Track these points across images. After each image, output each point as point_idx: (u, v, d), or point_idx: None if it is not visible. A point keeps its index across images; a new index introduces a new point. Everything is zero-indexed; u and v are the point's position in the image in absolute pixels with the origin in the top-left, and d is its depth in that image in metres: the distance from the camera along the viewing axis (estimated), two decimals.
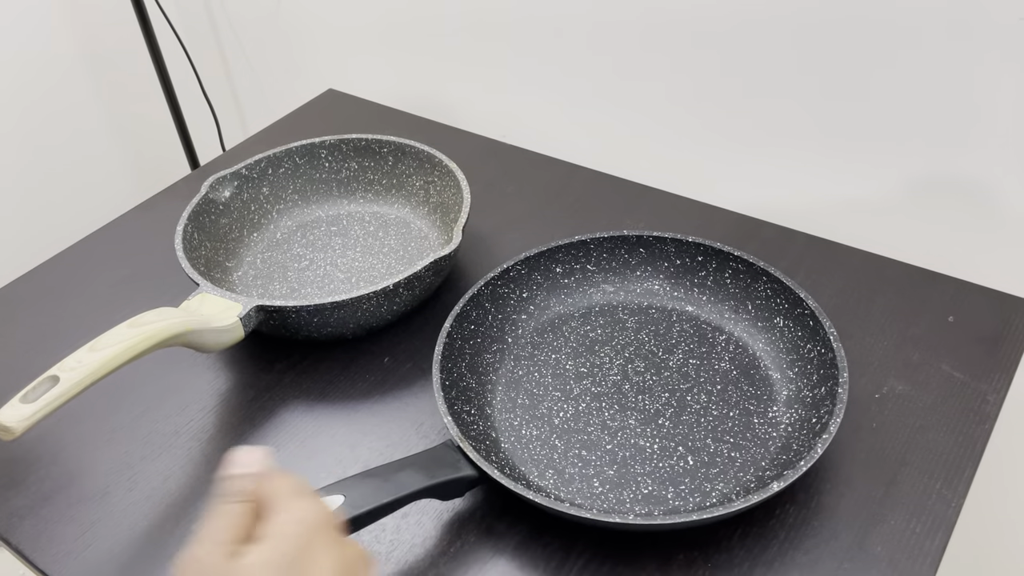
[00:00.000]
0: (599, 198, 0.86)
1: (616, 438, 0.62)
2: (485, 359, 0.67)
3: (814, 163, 0.88)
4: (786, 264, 0.75)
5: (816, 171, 0.88)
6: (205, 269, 0.74)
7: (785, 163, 0.89)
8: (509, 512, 0.58)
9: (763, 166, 0.91)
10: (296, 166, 0.85)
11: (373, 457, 0.63)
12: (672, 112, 0.94)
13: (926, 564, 0.53)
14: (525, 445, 0.62)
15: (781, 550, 0.55)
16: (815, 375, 0.62)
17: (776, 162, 0.90)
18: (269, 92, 1.36)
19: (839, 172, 0.87)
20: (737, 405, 0.63)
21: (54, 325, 0.77)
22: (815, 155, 0.87)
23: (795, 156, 0.88)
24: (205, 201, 0.78)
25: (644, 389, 0.65)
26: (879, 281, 0.74)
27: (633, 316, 0.71)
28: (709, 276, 0.70)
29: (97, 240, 0.87)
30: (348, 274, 0.78)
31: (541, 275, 0.72)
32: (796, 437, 0.59)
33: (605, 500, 0.58)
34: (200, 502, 0.61)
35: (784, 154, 0.89)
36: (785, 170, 0.90)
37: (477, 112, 1.09)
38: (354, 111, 1.04)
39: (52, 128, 1.42)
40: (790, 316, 0.65)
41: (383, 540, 0.57)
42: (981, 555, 1.03)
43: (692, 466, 0.59)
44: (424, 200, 0.83)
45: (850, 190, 0.87)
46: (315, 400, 0.68)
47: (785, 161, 0.89)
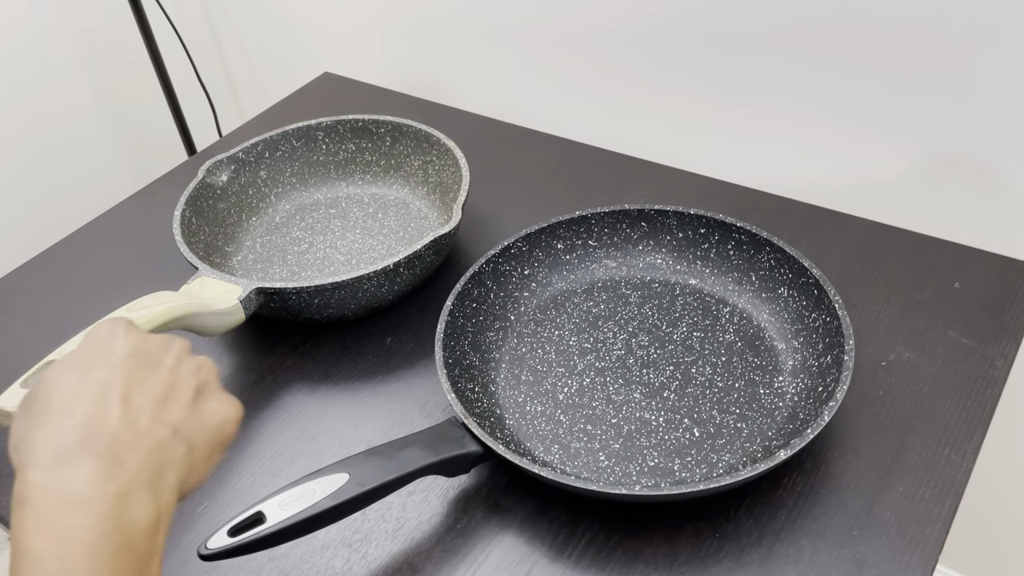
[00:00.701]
0: (599, 174, 0.86)
1: (621, 412, 0.61)
2: (488, 337, 0.67)
3: (815, 136, 0.87)
4: (789, 235, 0.74)
5: (818, 144, 0.87)
6: (204, 254, 0.74)
7: (786, 136, 0.89)
8: (515, 488, 0.58)
9: (764, 139, 0.90)
10: (293, 149, 0.84)
11: (377, 437, 0.63)
12: (671, 87, 0.93)
13: (936, 529, 0.53)
14: (530, 421, 0.62)
15: (789, 519, 0.54)
16: (820, 344, 0.61)
17: (777, 135, 0.89)
18: (265, 77, 1.35)
19: (841, 144, 0.86)
20: (742, 376, 0.63)
21: (54, 313, 0.76)
22: (816, 128, 0.86)
23: (796, 129, 0.88)
24: (202, 186, 0.78)
25: (648, 363, 0.65)
26: (883, 249, 0.73)
27: (636, 291, 0.70)
28: (712, 248, 0.70)
29: (95, 228, 0.86)
30: (348, 256, 0.78)
31: (542, 252, 0.71)
32: (802, 406, 0.59)
33: (611, 473, 0.57)
34: (205, 486, 0.60)
35: (785, 127, 0.88)
36: (786, 143, 0.89)
37: (474, 92, 1.09)
38: (351, 93, 1.03)
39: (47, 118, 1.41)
40: (794, 286, 0.65)
41: (389, 518, 0.57)
42: (984, 522, 1.03)
43: (698, 438, 0.59)
44: (423, 180, 0.83)
45: (852, 161, 0.86)
46: (318, 381, 0.68)
47: (786, 134, 0.89)
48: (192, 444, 0.41)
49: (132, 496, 0.37)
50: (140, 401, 0.40)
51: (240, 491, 0.60)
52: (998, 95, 0.74)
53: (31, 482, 0.36)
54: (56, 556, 0.34)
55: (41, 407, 0.39)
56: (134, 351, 0.42)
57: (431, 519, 0.57)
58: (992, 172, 0.79)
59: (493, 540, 0.55)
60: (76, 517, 0.35)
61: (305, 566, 0.55)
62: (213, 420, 0.43)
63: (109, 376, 0.40)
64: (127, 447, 0.38)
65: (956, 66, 0.75)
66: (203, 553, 0.47)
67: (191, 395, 0.42)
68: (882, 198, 0.84)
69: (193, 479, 0.42)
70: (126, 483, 0.37)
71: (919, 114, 0.79)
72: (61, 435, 0.37)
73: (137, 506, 0.37)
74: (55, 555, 0.34)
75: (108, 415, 0.38)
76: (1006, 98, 0.74)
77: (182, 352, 0.44)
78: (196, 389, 0.43)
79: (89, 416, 0.38)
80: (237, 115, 1.43)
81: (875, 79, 0.80)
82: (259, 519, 0.49)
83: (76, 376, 0.40)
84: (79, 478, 0.36)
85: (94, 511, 0.35)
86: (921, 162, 0.82)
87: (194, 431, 0.42)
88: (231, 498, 0.60)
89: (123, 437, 0.38)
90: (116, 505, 0.36)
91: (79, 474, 0.36)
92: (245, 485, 0.60)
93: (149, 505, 0.37)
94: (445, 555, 0.55)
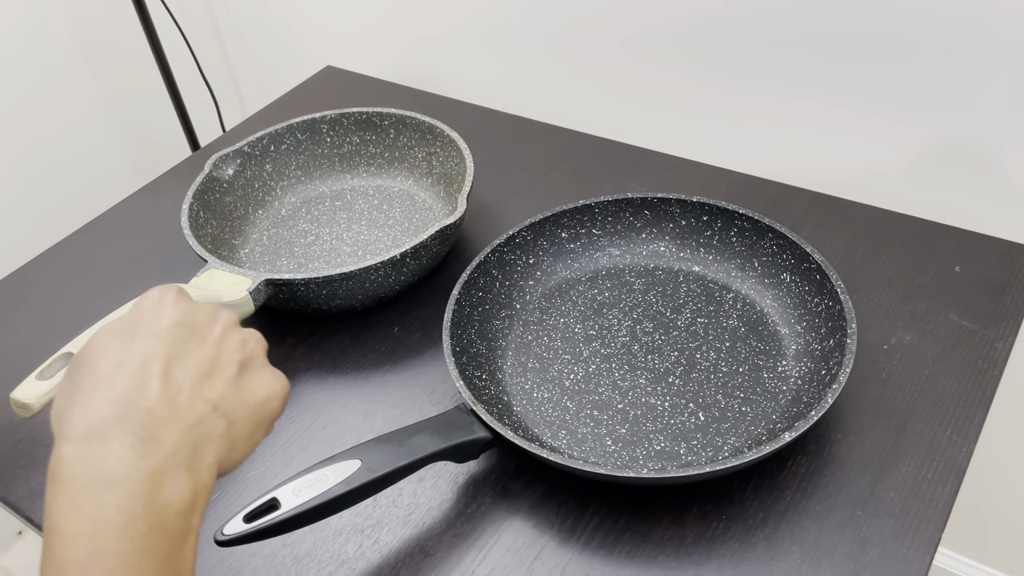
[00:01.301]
0: (602, 164, 0.86)
1: (627, 397, 0.62)
2: (494, 325, 0.68)
3: (817, 123, 0.87)
4: (791, 221, 0.75)
5: (819, 131, 0.88)
6: (212, 247, 0.75)
7: (788, 124, 0.89)
8: (523, 473, 0.59)
9: (766, 127, 0.91)
10: (298, 142, 0.85)
11: (387, 425, 0.64)
12: (672, 76, 0.94)
13: (938, 508, 0.54)
14: (537, 407, 0.62)
15: (794, 500, 0.55)
16: (823, 328, 0.62)
17: (779, 123, 0.90)
18: (267, 71, 1.35)
19: (843, 132, 0.86)
20: (746, 361, 0.63)
21: (64, 308, 0.77)
22: (818, 116, 0.87)
23: (798, 117, 0.88)
24: (209, 179, 0.78)
25: (653, 349, 0.65)
26: (884, 234, 0.74)
27: (640, 278, 0.71)
28: (715, 235, 0.70)
29: (102, 223, 0.87)
30: (354, 247, 0.79)
31: (547, 240, 0.72)
32: (806, 390, 0.60)
33: (618, 458, 0.58)
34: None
35: (787, 115, 0.89)
36: (788, 131, 0.90)
37: (475, 83, 1.09)
38: (353, 87, 1.04)
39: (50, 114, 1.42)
40: (797, 271, 0.66)
41: (400, 504, 0.58)
42: (985, 502, 1.04)
43: (703, 422, 0.60)
44: (427, 171, 0.83)
45: (853, 148, 0.87)
46: (327, 372, 0.68)
47: (788, 122, 0.89)
48: (233, 420, 0.40)
49: (167, 475, 0.36)
50: (181, 375, 0.39)
51: (252, 479, 0.61)
52: (996, 84, 0.75)
53: (64, 457, 0.35)
54: (86, 536, 0.34)
55: (83, 376, 0.38)
56: (181, 321, 0.41)
57: (441, 504, 0.58)
58: (992, 158, 0.79)
59: (503, 524, 0.56)
60: (107, 496, 0.34)
61: (318, 552, 0.56)
62: (256, 396, 0.42)
63: (153, 347, 0.39)
64: (163, 423, 0.37)
65: (955, 55, 0.75)
66: (219, 539, 0.48)
67: (235, 369, 0.41)
68: (883, 184, 0.85)
69: (234, 457, 0.41)
70: (161, 461, 0.36)
71: (920, 102, 0.80)
72: (98, 408, 0.36)
73: (172, 486, 0.36)
74: (85, 535, 0.34)
75: (147, 389, 0.37)
76: (1004, 87, 0.75)
77: (229, 324, 0.43)
78: (240, 363, 0.42)
79: (128, 389, 0.37)
80: (239, 110, 1.43)
81: (876, 68, 0.80)
82: (273, 505, 0.50)
83: (120, 345, 0.39)
84: (112, 455, 0.35)
85: (126, 490, 0.35)
86: (922, 149, 0.82)
87: (236, 407, 0.41)
88: (244, 486, 0.60)
89: (160, 413, 0.37)
90: (149, 485, 0.35)
91: (113, 451, 0.35)
92: (257, 473, 0.61)
93: (185, 485, 0.37)
94: (456, 539, 0.56)
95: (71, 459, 0.35)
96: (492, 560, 0.54)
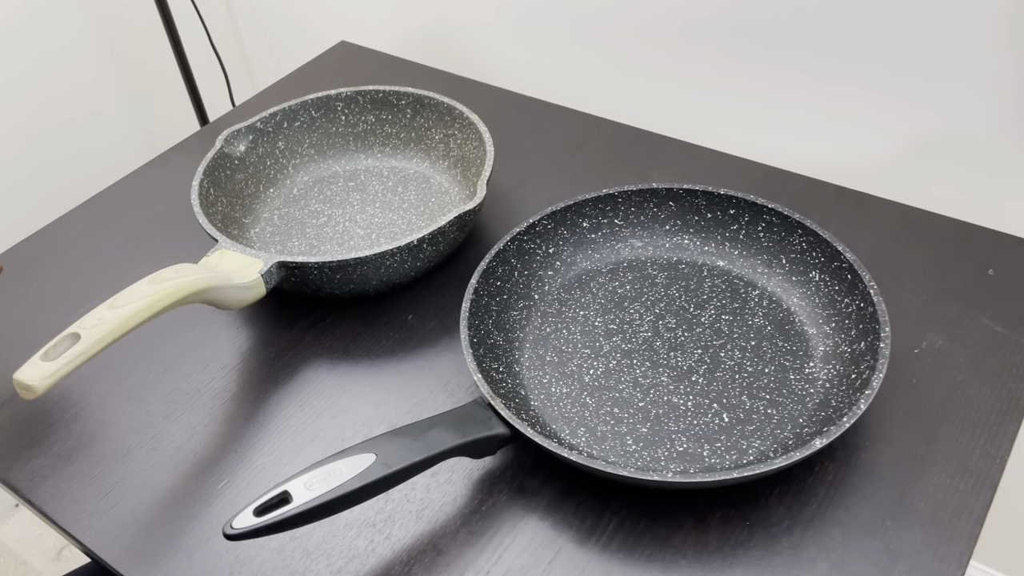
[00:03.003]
0: (623, 150, 0.84)
1: (648, 395, 0.60)
2: (512, 316, 0.66)
3: (845, 115, 0.85)
4: (817, 217, 0.73)
5: (847, 124, 0.85)
6: (222, 225, 0.72)
7: (815, 115, 0.87)
8: (541, 470, 0.57)
9: (792, 117, 0.88)
10: (312, 119, 0.82)
11: (400, 416, 0.62)
12: (696, 63, 0.91)
13: (970, 521, 0.52)
14: (555, 403, 0.60)
15: (821, 508, 0.54)
16: (854, 330, 0.60)
17: (805, 114, 0.87)
18: (279, 45, 1.32)
19: (872, 124, 0.84)
20: (772, 361, 0.62)
21: (69, 283, 0.75)
22: (845, 107, 0.84)
23: (824, 108, 0.86)
24: (220, 155, 0.76)
25: (676, 346, 0.63)
26: (914, 234, 0.71)
27: (663, 271, 0.69)
28: (741, 230, 0.68)
29: (109, 196, 0.85)
30: (368, 230, 0.77)
31: (567, 230, 0.70)
32: (835, 393, 0.58)
33: (639, 458, 0.56)
34: (225, 461, 0.60)
35: (813, 106, 0.87)
36: (815, 122, 0.87)
37: (495, 63, 1.07)
38: (368, 63, 1.01)
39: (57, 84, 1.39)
40: (827, 270, 0.63)
41: (413, 499, 0.56)
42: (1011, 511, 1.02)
43: (727, 423, 0.58)
44: (444, 154, 0.81)
45: (882, 142, 0.84)
46: (338, 358, 0.66)
47: (815, 113, 0.87)
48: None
49: None
50: None
51: (260, 468, 0.59)
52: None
53: None
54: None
55: None
56: None
57: (455, 500, 0.56)
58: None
59: (519, 523, 0.55)
60: None
61: (328, 545, 0.54)
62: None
63: None
64: None
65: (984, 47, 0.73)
66: (228, 533, 0.46)
67: None
68: (913, 181, 0.82)
69: None
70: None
71: (953, 96, 0.77)
72: None
73: None
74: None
75: None
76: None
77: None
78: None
79: None
80: (249, 84, 1.41)
81: (904, 61, 0.78)
82: (285, 499, 0.48)
83: None
84: None
85: None
86: (954, 146, 0.80)
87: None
88: (252, 475, 0.59)
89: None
90: None
91: None
92: (266, 462, 0.59)
93: None
94: (470, 537, 0.54)
95: None
96: (508, 560, 0.53)
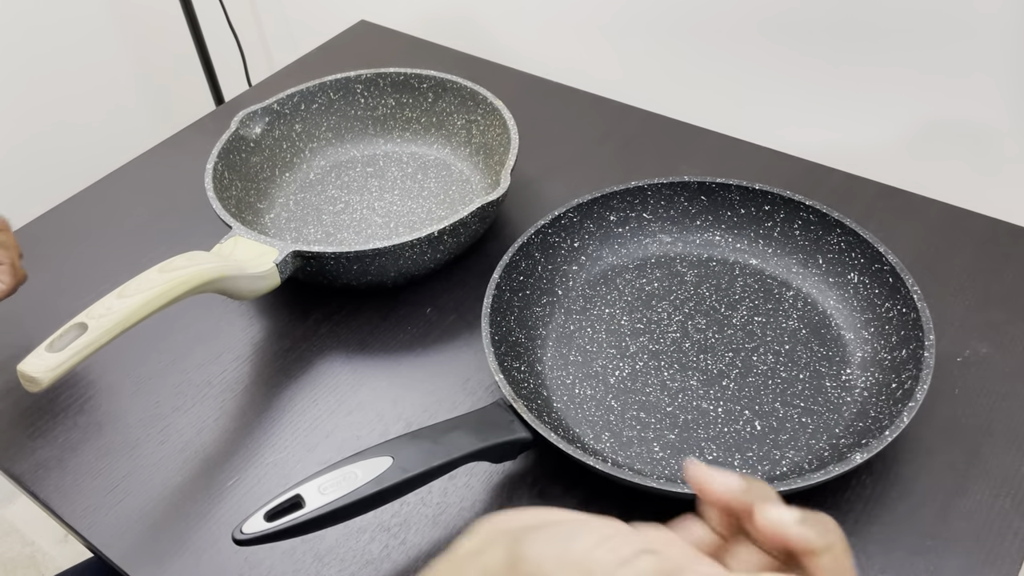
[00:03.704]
0: (651, 141, 0.81)
1: (677, 400, 0.58)
2: (534, 312, 0.63)
3: (887, 107, 0.82)
4: (856, 215, 0.70)
5: (889, 115, 0.82)
6: (236, 211, 0.70)
7: (854, 106, 0.83)
8: (563, 476, 0.55)
9: (830, 108, 0.85)
10: (330, 102, 0.80)
11: (417, 413, 0.59)
12: (729, 49, 0.88)
13: (1015, 544, 0.49)
14: (579, 405, 0.58)
15: (858, 524, 0.51)
16: (894, 336, 0.57)
17: (844, 105, 0.84)
18: (297, 23, 1.29)
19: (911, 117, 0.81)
20: (807, 367, 0.59)
21: (77, 267, 0.73)
22: (888, 99, 0.81)
23: (864, 99, 0.82)
24: (235, 138, 0.73)
25: (706, 348, 0.61)
26: (958, 235, 0.68)
27: (692, 269, 0.66)
28: (776, 227, 0.65)
29: (121, 177, 0.83)
30: (386, 218, 0.74)
31: (593, 223, 0.67)
32: (873, 403, 0.55)
33: (667, 466, 0.54)
34: (235, 457, 0.58)
35: (852, 96, 0.83)
36: (854, 114, 0.84)
37: (520, 47, 1.03)
38: (388, 44, 0.98)
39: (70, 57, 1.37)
40: (866, 272, 0.60)
41: (429, 502, 0.54)
42: None
43: (760, 432, 0.55)
44: (466, 140, 0.78)
45: (926, 137, 0.81)
46: (354, 351, 0.64)
47: (854, 104, 0.83)
48: None
49: None
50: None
51: (272, 466, 0.57)
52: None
53: None
54: None
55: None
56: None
57: (474, 505, 0.54)
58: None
59: None
60: None
61: (340, 549, 0.52)
62: None
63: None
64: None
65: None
66: (238, 538, 0.44)
67: None
68: (956, 178, 0.79)
69: None
70: None
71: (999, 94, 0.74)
72: None
73: None
74: None
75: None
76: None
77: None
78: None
79: None
80: (266, 63, 1.38)
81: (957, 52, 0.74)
82: (297, 503, 0.46)
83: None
84: None
85: None
86: (999, 145, 0.77)
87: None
88: (263, 473, 0.57)
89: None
90: None
91: None
92: (277, 459, 0.57)
93: None
94: None
95: None
96: None
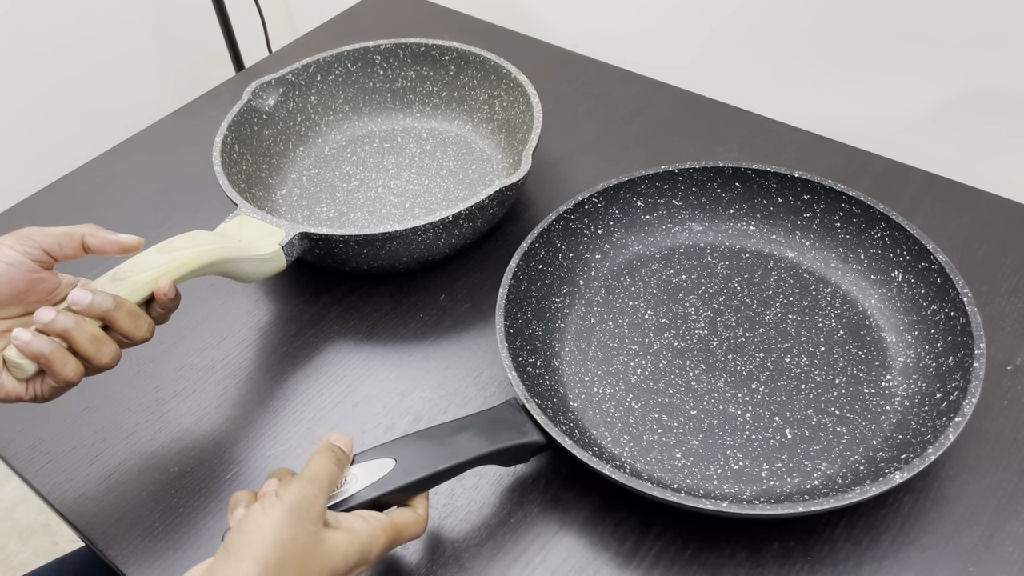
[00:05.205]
0: (684, 120, 0.76)
1: (702, 403, 0.54)
2: (553, 303, 0.60)
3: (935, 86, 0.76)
4: (901, 207, 0.65)
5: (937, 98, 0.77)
6: (246, 186, 0.67)
7: (901, 88, 0.78)
8: (577, 480, 0.52)
9: (875, 90, 0.80)
10: (347, 73, 0.76)
11: (425, 408, 0.56)
12: (768, 23, 0.83)
13: None
14: (597, 405, 0.55)
15: (894, 545, 0.47)
16: (940, 342, 0.53)
17: (890, 86, 0.79)
18: None
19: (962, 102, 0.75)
20: (844, 371, 0.55)
21: None
22: (936, 77, 0.76)
23: (913, 77, 0.77)
24: (247, 109, 0.70)
25: (735, 347, 0.57)
26: (1011, 230, 0.63)
27: (723, 260, 0.62)
28: (815, 218, 0.61)
29: (130, 148, 0.80)
30: (402, 198, 0.71)
31: (619, 209, 0.63)
32: (915, 414, 0.51)
33: (689, 474, 0.50)
34: (235, 448, 0.55)
35: (899, 78, 0.78)
36: (902, 96, 0.79)
37: (548, 17, 0.99)
38: (411, 11, 0.94)
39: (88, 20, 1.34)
40: (912, 270, 0.56)
41: (435, 505, 0.51)
42: None
43: (791, 441, 0.52)
44: (488, 117, 0.74)
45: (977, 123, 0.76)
46: (363, 339, 0.61)
47: (900, 85, 0.78)
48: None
49: None
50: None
51: (273, 459, 0.54)
52: None
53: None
54: None
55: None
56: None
57: (481, 509, 0.51)
58: None
59: (551, 540, 0.49)
60: None
61: None
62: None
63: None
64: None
65: None
66: None
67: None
68: (1012, 171, 0.74)
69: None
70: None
71: None
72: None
73: None
74: None
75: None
76: None
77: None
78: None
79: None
80: (289, 29, 1.34)
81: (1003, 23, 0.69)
82: None
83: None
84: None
85: None
86: None
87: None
88: (263, 466, 0.54)
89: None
90: None
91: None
92: (279, 452, 0.55)
93: None
94: (496, 552, 0.49)
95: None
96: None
